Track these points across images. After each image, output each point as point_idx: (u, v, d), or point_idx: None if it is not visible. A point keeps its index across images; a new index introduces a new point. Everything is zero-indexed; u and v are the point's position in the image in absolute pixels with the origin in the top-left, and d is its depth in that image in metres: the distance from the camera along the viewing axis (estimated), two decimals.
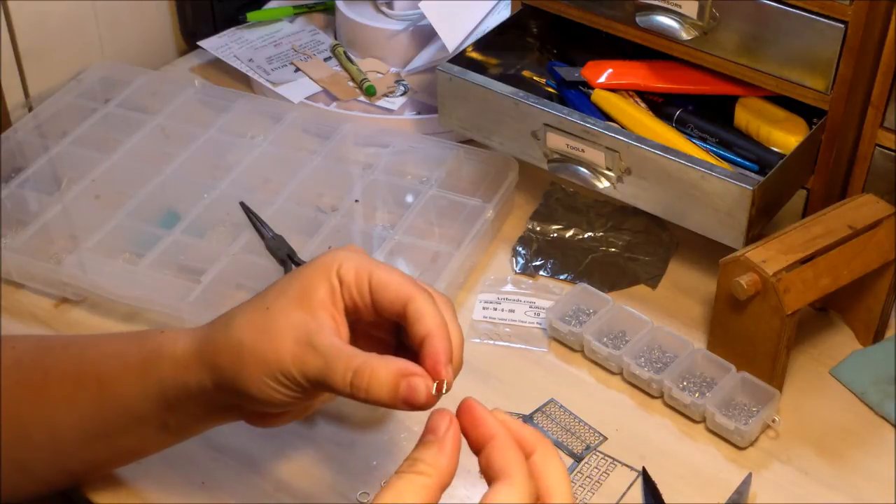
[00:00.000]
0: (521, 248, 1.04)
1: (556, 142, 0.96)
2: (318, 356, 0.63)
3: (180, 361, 0.68)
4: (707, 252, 0.99)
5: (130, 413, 0.71)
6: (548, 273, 1.02)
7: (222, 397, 0.68)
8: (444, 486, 0.58)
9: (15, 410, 0.72)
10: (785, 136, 0.96)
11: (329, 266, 0.66)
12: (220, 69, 1.28)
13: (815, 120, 0.94)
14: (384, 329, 0.70)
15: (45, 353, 0.74)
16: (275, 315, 0.65)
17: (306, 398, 0.66)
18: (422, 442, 0.59)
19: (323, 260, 0.67)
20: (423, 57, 1.23)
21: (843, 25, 0.86)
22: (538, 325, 0.97)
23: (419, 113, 1.18)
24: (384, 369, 0.62)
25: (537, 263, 1.03)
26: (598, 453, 0.86)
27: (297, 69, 1.24)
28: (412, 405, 0.61)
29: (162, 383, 0.69)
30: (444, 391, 0.62)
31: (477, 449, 0.59)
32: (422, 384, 0.61)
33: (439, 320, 0.64)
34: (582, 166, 0.96)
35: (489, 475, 0.58)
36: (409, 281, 0.66)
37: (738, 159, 0.98)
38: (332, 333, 0.64)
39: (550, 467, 0.59)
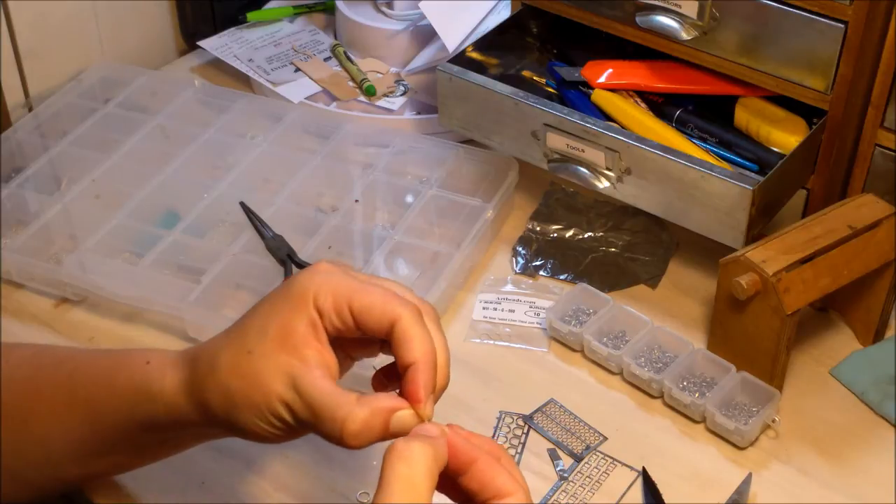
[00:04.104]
0: (521, 248, 1.04)
1: (556, 142, 0.96)
2: (305, 406, 0.62)
3: (169, 401, 0.67)
4: (707, 252, 0.99)
5: (123, 438, 0.70)
6: (548, 273, 1.02)
7: (215, 431, 0.68)
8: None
9: (8, 423, 0.71)
10: (785, 136, 0.96)
11: (304, 298, 0.64)
12: (220, 69, 1.28)
13: (815, 120, 0.94)
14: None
15: (37, 370, 0.73)
16: (258, 360, 0.63)
17: (300, 434, 0.66)
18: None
19: (297, 291, 0.64)
20: (423, 57, 1.23)
21: (843, 25, 0.86)
22: (538, 325, 0.97)
23: (419, 113, 1.18)
24: (372, 417, 0.61)
25: (537, 263, 1.03)
26: (598, 453, 0.86)
27: (297, 69, 1.24)
28: (401, 435, 0.61)
29: (153, 418, 0.68)
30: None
31: (459, 474, 0.60)
32: (409, 417, 0.61)
33: (426, 346, 0.63)
34: (582, 166, 0.96)
35: (485, 495, 0.59)
36: (391, 298, 0.64)
37: (738, 159, 0.98)
38: (319, 375, 0.62)
39: (516, 472, 0.61)
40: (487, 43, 1.07)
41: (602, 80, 1.03)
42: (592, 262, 1.03)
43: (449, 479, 0.61)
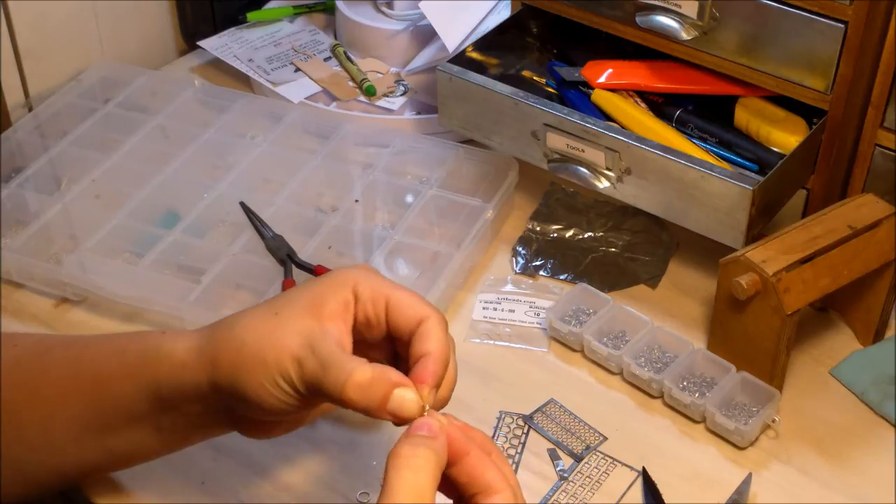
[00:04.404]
0: (521, 248, 1.04)
1: (556, 142, 0.96)
2: (316, 360, 0.63)
3: (178, 361, 0.68)
4: (707, 252, 0.99)
5: (124, 412, 0.71)
6: (548, 273, 1.02)
7: (217, 400, 0.68)
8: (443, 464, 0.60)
9: (12, 407, 0.72)
10: (785, 136, 0.96)
11: (345, 281, 0.67)
12: (220, 69, 1.28)
13: (815, 120, 0.94)
14: (383, 353, 0.71)
15: (46, 351, 0.75)
16: (282, 320, 0.65)
17: (301, 406, 0.66)
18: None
19: (339, 275, 0.68)
20: (423, 57, 1.23)
21: (843, 25, 0.86)
22: (538, 325, 0.97)
23: (419, 113, 1.18)
24: (377, 378, 0.62)
25: (537, 263, 1.03)
26: (598, 453, 0.86)
27: (297, 69, 1.24)
28: (399, 417, 0.62)
29: (157, 382, 0.69)
30: (424, 413, 0.63)
31: (450, 464, 0.61)
32: (409, 397, 0.62)
33: (444, 345, 0.65)
34: (582, 166, 0.96)
35: (473, 489, 0.61)
36: (425, 302, 0.67)
37: (738, 159, 0.98)
38: (335, 343, 0.65)
39: (506, 468, 0.63)
40: (487, 43, 1.07)
41: (602, 80, 1.03)
42: (592, 262, 1.03)
43: None
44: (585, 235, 1.05)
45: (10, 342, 0.75)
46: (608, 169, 0.95)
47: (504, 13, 1.17)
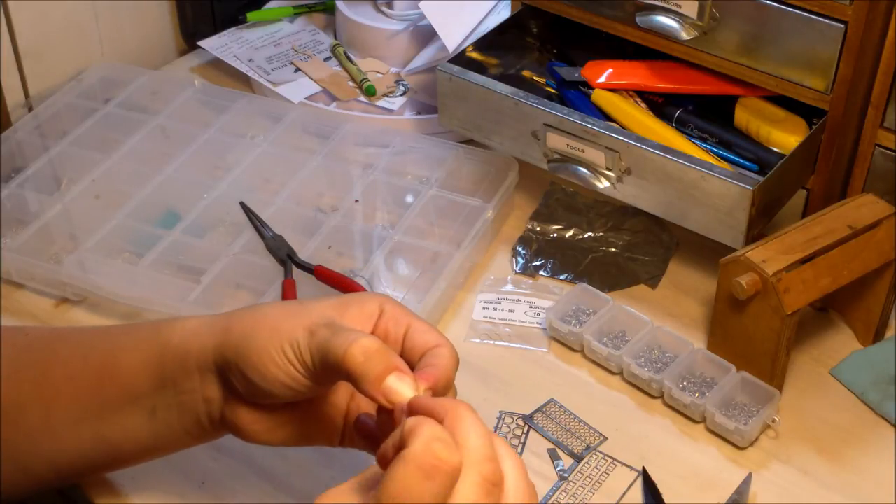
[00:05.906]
0: (521, 248, 1.04)
1: (556, 142, 0.96)
2: (328, 329, 0.65)
3: (188, 328, 0.70)
4: (707, 252, 0.99)
5: (124, 388, 0.71)
6: (548, 273, 1.02)
7: (219, 369, 0.69)
8: None
9: (16, 393, 0.73)
10: (785, 136, 0.96)
11: (374, 298, 0.70)
12: (220, 69, 1.28)
13: (815, 120, 0.94)
14: None
15: (57, 338, 0.76)
16: (306, 305, 0.68)
17: (306, 384, 0.66)
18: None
19: (368, 294, 0.72)
20: (423, 57, 1.23)
21: (843, 25, 0.86)
22: (538, 325, 0.97)
23: (419, 113, 1.18)
24: (384, 352, 0.63)
25: (537, 263, 1.03)
26: (598, 453, 0.86)
27: (297, 69, 1.24)
28: (389, 400, 0.62)
29: (163, 350, 0.70)
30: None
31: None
32: (408, 386, 0.62)
33: (451, 368, 0.66)
34: (582, 166, 0.96)
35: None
36: (445, 337, 0.69)
37: (738, 159, 0.99)
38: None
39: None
40: (487, 43, 1.07)
41: (602, 80, 1.03)
42: (592, 262, 1.03)
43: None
44: (585, 235, 1.05)
45: (20, 332, 0.77)
46: (608, 169, 0.95)
47: (504, 13, 1.17)
